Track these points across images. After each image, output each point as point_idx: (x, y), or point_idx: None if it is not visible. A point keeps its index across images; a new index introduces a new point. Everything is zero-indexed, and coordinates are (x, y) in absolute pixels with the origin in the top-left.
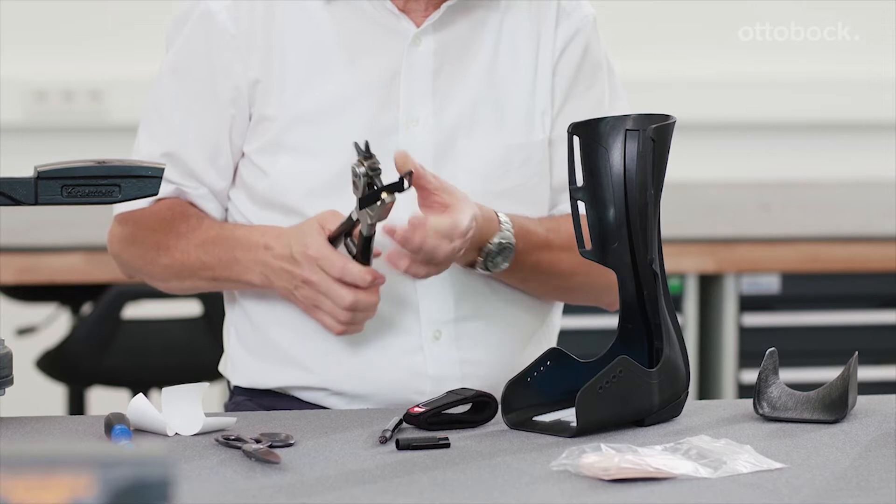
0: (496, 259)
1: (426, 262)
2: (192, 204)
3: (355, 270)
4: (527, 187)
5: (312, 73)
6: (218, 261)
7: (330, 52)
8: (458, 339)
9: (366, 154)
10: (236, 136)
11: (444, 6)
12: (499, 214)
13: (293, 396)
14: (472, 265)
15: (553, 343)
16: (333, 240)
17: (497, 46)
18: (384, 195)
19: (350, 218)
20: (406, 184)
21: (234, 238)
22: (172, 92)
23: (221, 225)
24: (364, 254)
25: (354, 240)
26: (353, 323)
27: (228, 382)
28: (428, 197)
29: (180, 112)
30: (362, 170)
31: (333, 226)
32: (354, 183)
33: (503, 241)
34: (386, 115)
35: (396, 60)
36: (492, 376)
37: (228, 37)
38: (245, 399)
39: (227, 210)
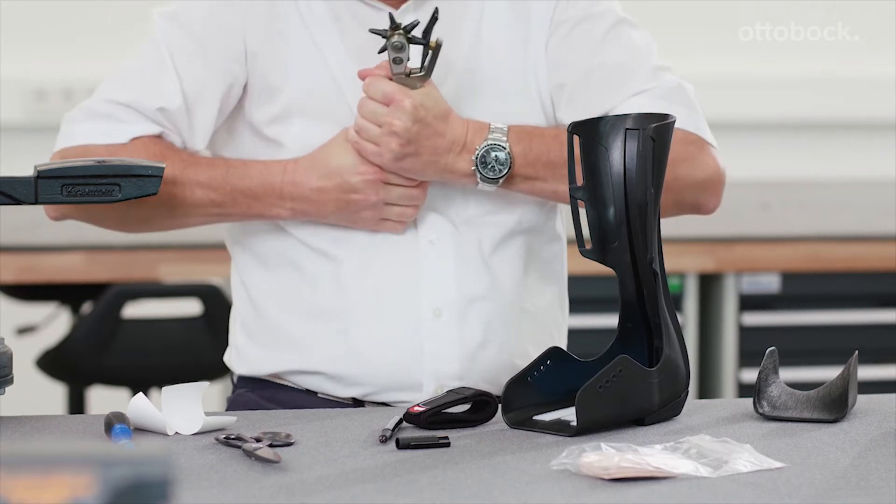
0: (490, 163)
1: (377, 132)
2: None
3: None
4: None
5: (314, 53)
6: (232, 199)
7: (327, 38)
8: (458, 319)
9: (393, 25)
10: (228, 101)
11: None
12: (493, 123)
13: (291, 387)
14: (472, 179)
15: (560, 332)
16: None
17: (479, 23)
18: (432, 42)
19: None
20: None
21: (249, 177)
22: (167, 44)
23: (226, 161)
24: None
25: None
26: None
27: (232, 375)
28: None
29: (173, 63)
30: (398, 39)
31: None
32: (395, 60)
33: (490, 142)
34: None
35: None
36: (490, 359)
37: (230, 4)
38: (246, 390)
39: None
